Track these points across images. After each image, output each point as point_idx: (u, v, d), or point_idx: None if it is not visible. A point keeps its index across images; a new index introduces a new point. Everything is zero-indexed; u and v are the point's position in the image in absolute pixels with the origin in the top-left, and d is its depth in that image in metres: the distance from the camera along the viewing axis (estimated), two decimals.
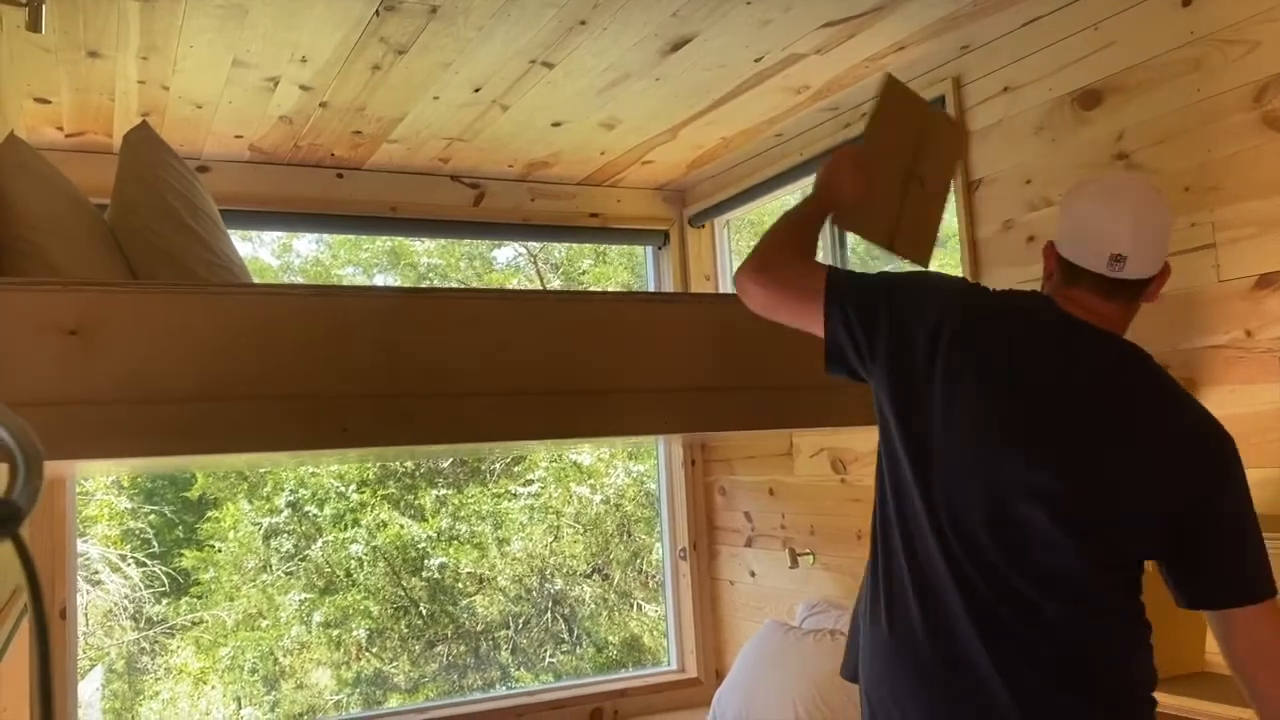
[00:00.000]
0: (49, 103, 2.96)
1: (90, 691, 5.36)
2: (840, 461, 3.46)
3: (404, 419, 1.66)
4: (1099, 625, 1.39)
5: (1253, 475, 2.16)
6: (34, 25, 2.12)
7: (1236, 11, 2.21)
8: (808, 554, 3.63)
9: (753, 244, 1.64)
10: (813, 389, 2.02)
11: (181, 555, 7.70)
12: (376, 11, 2.48)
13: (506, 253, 8.52)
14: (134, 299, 1.52)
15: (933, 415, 1.44)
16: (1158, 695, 1.46)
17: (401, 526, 7.58)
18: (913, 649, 1.43)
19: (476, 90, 3.04)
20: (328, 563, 7.53)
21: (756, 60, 2.91)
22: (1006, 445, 1.39)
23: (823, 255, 2.81)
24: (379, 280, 8.49)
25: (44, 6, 2.11)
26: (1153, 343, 1.58)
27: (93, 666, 6.74)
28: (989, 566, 1.38)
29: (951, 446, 1.42)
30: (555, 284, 8.48)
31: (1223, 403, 2.22)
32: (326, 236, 8.04)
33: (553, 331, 1.79)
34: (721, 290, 4.28)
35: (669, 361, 1.89)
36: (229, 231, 3.84)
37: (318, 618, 7.38)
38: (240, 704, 7.40)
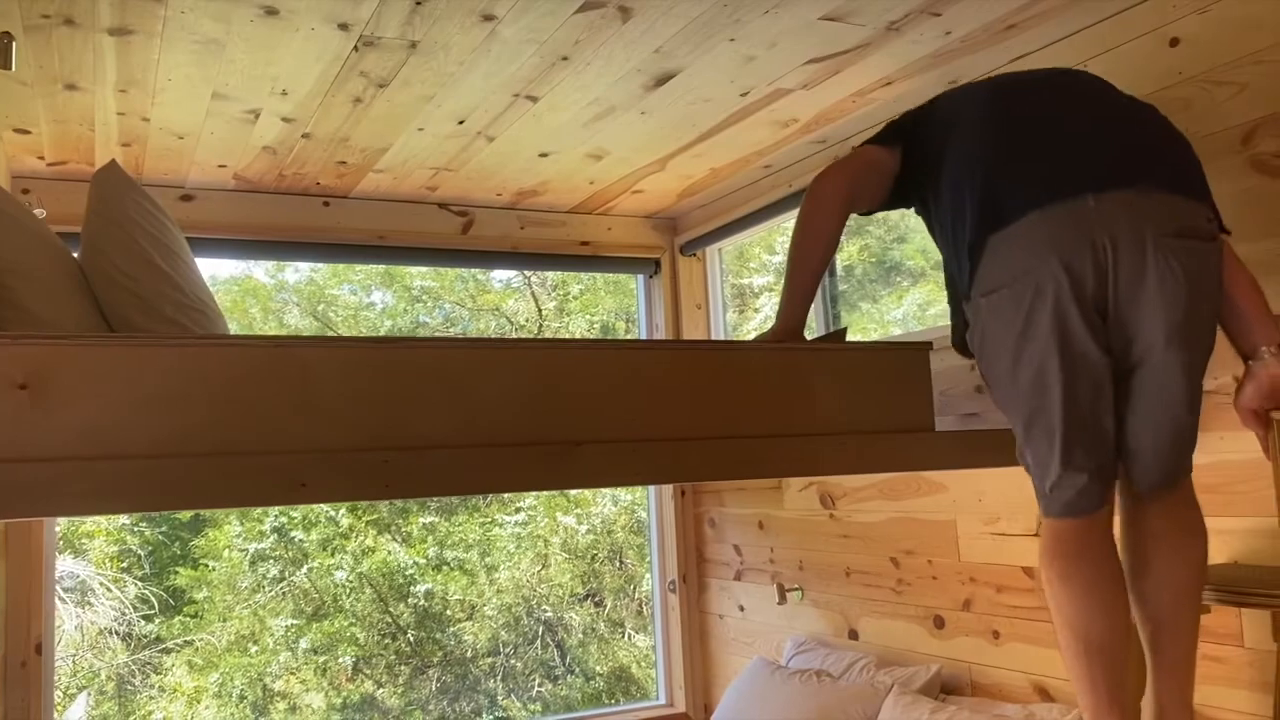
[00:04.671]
0: (29, 133, 2.94)
1: (77, 717, 5.30)
2: (829, 496, 3.41)
3: (365, 473, 1.61)
4: None
5: (1241, 524, 2.13)
6: (4, 63, 2.10)
7: (1224, 53, 2.18)
8: (796, 589, 3.58)
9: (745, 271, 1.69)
10: (793, 437, 1.97)
11: (176, 573, 7.65)
12: (355, 47, 2.45)
13: (501, 273, 8.48)
14: (86, 352, 1.48)
15: None
16: None
17: (389, 553, 7.52)
18: None
19: (460, 122, 3.01)
20: (315, 589, 7.47)
21: (742, 95, 2.88)
22: None
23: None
24: (375, 297, 8.46)
25: (13, 44, 2.08)
26: None
27: (80, 691, 6.68)
28: None
29: None
30: (550, 305, 8.43)
31: (1212, 450, 2.18)
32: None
33: (522, 381, 1.75)
34: (714, 318, 4.25)
35: (644, 411, 1.84)
36: (214, 259, 3.79)
37: (304, 644, 7.32)
38: None
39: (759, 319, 6.39)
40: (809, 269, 2.06)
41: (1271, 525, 1.94)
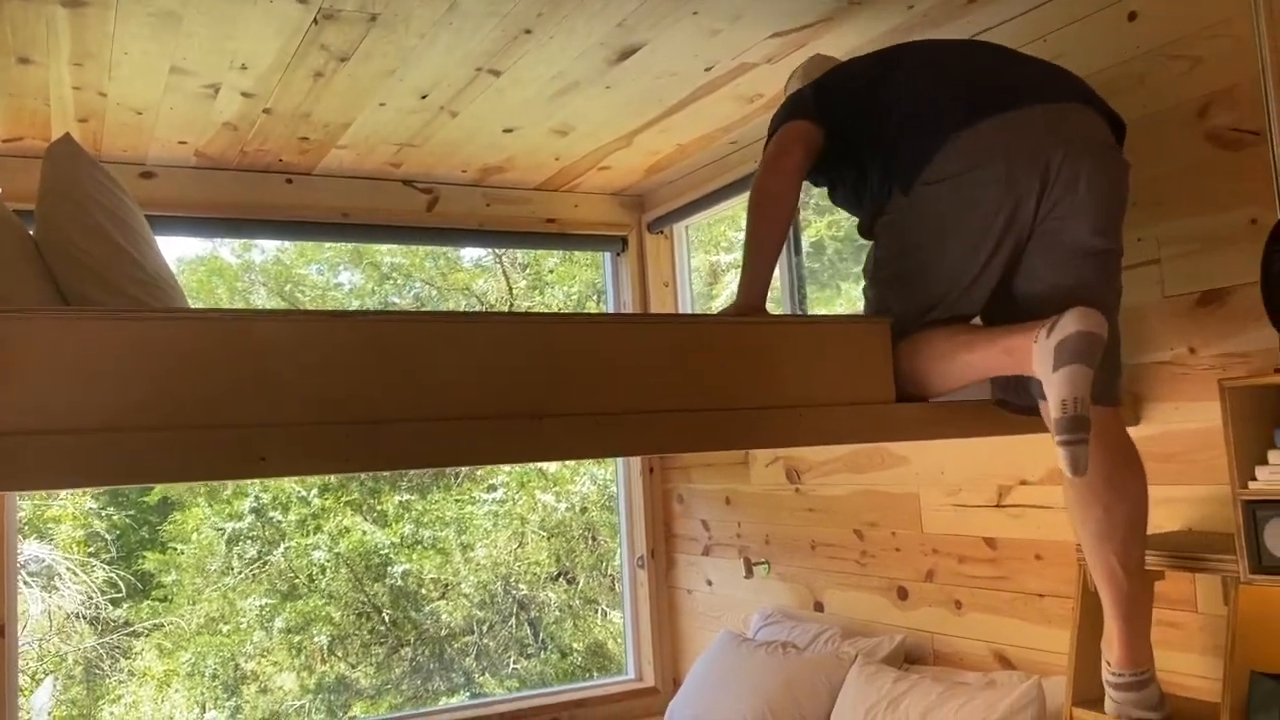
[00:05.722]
0: None
1: (43, 701, 5.27)
2: (795, 471, 3.44)
3: (326, 446, 1.61)
4: None
5: (1195, 492, 2.17)
6: None
7: (1180, 27, 2.20)
8: (763, 563, 3.61)
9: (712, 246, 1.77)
10: (755, 409, 1.98)
11: (144, 557, 7.60)
12: (315, 20, 2.43)
13: (472, 251, 8.45)
14: (37, 325, 1.46)
15: None
16: None
17: (364, 533, 7.51)
18: None
19: (423, 97, 2.99)
20: (290, 568, 7.45)
21: (707, 69, 2.88)
22: None
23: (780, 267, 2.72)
24: (343, 277, 8.40)
25: None
26: None
27: (46, 676, 6.63)
28: None
29: None
30: (521, 283, 8.41)
31: (1167, 419, 2.22)
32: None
33: (483, 354, 1.75)
34: (681, 296, 4.25)
35: (606, 384, 1.85)
36: (176, 237, 3.72)
37: (279, 624, 7.30)
38: (204, 709, 7.33)
39: (726, 295, 6.41)
40: (772, 244, 2.07)
41: (1224, 493, 1.97)
